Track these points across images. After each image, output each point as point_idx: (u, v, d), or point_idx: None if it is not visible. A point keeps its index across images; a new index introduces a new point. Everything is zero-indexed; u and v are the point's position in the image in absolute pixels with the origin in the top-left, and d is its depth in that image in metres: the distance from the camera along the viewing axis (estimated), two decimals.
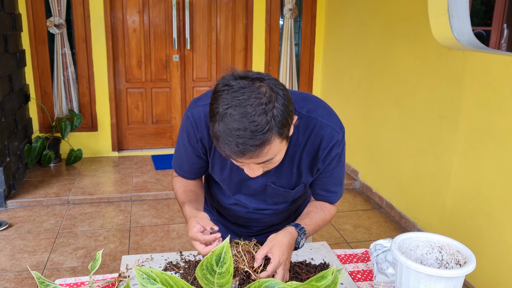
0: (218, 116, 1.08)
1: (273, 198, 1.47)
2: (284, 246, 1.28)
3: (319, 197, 1.49)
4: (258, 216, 1.56)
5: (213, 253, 1.04)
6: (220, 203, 1.59)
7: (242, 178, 1.41)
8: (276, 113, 1.08)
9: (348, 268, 1.48)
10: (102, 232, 3.49)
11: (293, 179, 1.40)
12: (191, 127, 1.35)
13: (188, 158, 1.43)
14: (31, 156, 4.43)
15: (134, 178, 4.50)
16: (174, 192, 1.52)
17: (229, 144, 1.08)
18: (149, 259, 1.47)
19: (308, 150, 1.35)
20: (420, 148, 3.42)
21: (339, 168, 1.42)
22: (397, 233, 3.54)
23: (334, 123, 1.33)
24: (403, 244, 1.26)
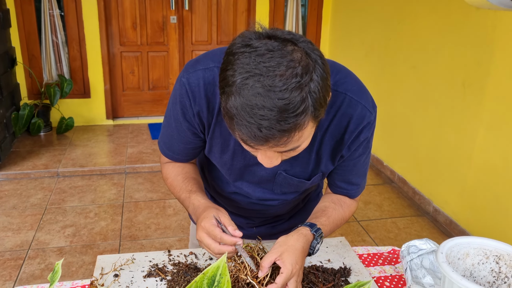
0: (235, 88, 0.80)
1: (283, 188, 1.19)
2: (298, 252, 1.01)
3: (338, 190, 1.22)
4: (261, 208, 1.28)
5: (204, 275, 0.77)
6: (216, 190, 1.31)
7: (247, 163, 1.13)
8: (313, 89, 0.80)
9: (373, 272, 1.21)
10: (93, 208, 3.25)
11: (310, 167, 1.12)
12: (187, 98, 1.05)
13: (182, 136, 1.14)
14: (19, 124, 4.15)
15: (129, 149, 4.23)
16: (169, 182, 1.24)
17: (248, 126, 0.80)
18: (130, 260, 1.20)
19: (332, 132, 1.06)
20: (440, 119, 3.11)
21: (365, 156, 1.14)
22: (410, 211, 3.29)
23: (366, 101, 1.04)
24: (450, 253, 0.98)
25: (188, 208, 1.15)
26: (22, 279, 2.45)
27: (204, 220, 1.02)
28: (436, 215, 3.18)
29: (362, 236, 2.96)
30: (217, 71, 0.89)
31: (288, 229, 1.44)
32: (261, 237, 1.43)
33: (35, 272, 2.51)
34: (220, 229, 1.00)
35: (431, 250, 1.15)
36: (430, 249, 1.15)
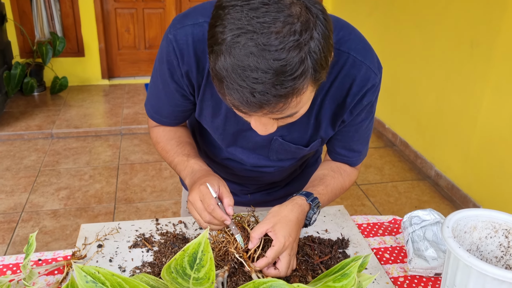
0: (225, 46, 0.70)
1: (279, 154, 1.10)
2: (291, 223, 0.94)
3: (338, 157, 1.13)
4: (256, 175, 1.20)
5: (184, 252, 0.70)
6: (208, 155, 1.23)
7: (240, 127, 1.04)
8: (314, 48, 0.70)
9: (372, 243, 1.14)
10: (87, 170, 3.18)
11: (309, 133, 1.03)
12: (174, 56, 0.95)
13: (169, 98, 1.05)
14: (11, 84, 4.03)
15: (125, 109, 4.14)
16: (160, 146, 1.15)
17: (239, 91, 0.71)
18: (115, 229, 1.14)
19: (333, 95, 0.96)
20: (445, 80, 2.99)
21: (368, 121, 1.05)
22: (411, 175, 3.23)
23: (372, 61, 0.94)
24: (456, 226, 0.91)
25: (184, 171, 1.06)
26: (16, 242, 2.42)
27: (203, 185, 0.94)
28: (437, 179, 3.12)
29: (362, 200, 2.91)
30: (207, 26, 0.79)
31: (284, 196, 1.37)
32: (256, 204, 1.36)
33: (28, 235, 2.47)
34: (215, 201, 0.93)
35: (435, 222, 1.08)
36: (433, 220, 1.08)
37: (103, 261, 1.03)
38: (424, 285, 1.01)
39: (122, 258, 1.04)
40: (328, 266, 1.02)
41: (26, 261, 0.88)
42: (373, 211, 2.80)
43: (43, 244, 2.40)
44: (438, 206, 2.87)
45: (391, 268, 1.06)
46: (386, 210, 2.81)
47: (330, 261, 1.03)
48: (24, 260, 0.88)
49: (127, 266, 1.02)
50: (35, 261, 1.05)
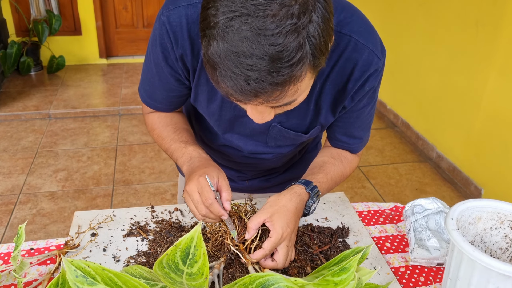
0: (217, 30, 0.65)
1: (277, 141, 1.07)
2: (290, 213, 0.91)
3: (339, 144, 1.09)
4: (254, 161, 1.17)
5: (176, 248, 0.67)
6: (204, 141, 1.19)
7: (237, 113, 1.00)
8: (312, 33, 0.66)
9: (373, 232, 1.12)
10: (85, 151, 3.15)
11: (308, 119, 1.00)
12: (168, 39, 0.91)
13: (163, 83, 1.00)
14: (8, 63, 3.97)
15: (123, 89, 4.08)
16: (156, 133, 1.10)
17: (233, 78, 0.67)
18: (109, 217, 1.11)
19: (334, 80, 0.92)
20: (449, 61, 2.93)
21: (370, 107, 1.01)
22: (412, 157, 3.20)
23: (375, 44, 0.90)
24: (460, 217, 0.88)
25: (181, 158, 1.02)
26: (13, 224, 2.40)
27: (202, 176, 0.90)
28: (439, 161, 3.09)
29: (362, 182, 2.88)
30: None
31: (283, 183, 1.34)
32: (254, 191, 1.33)
33: (26, 217, 2.46)
34: (214, 194, 0.89)
35: (438, 211, 1.05)
36: (436, 209, 1.05)
37: (96, 250, 1.01)
38: (425, 275, 0.99)
39: (116, 247, 1.02)
40: (327, 256, 0.99)
41: (16, 253, 0.85)
42: (373, 194, 2.78)
43: (41, 227, 2.38)
44: (439, 189, 2.85)
45: (392, 257, 1.04)
46: (387, 193, 2.79)
47: (330, 251, 1.01)
48: (14, 252, 0.85)
49: (121, 256, 0.99)
50: (27, 250, 1.02)
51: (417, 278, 0.98)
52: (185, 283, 0.72)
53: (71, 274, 0.68)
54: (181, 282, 0.72)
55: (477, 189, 2.72)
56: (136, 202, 2.62)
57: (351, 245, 1.04)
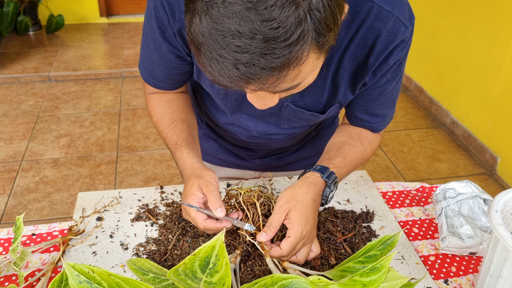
0: (200, 3, 0.54)
1: (291, 122, 0.97)
2: (308, 208, 0.82)
3: (359, 122, 0.99)
4: (265, 141, 1.07)
5: (195, 257, 0.59)
6: (212, 120, 1.09)
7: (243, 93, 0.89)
8: (316, 4, 0.54)
9: (399, 216, 1.04)
10: (88, 116, 3.06)
11: (324, 98, 0.89)
12: (164, 12, 0.79)
13: (163, 60, 0.90)
14: (4, 22, 3.81)
15: (126, 50, 3.94)
16: (154, 121, 1.02)
17: (220, 62, 0.56)
18: (115, 199, 1.03)
19: (354, 53, 0.81)
20: (467, 22, 2.78)
21: (395, 82, 0.89)
22: (426, 122, 3.09)
23: (402, 10, 0.78)
24: (503, 208, 0.79)
25: (176, 162, 0.96)
26: (16, 192, 2.35)
27: (187, 198, 0.83)
28: (453, 127, 2.98)
29: None
30: None
31: (297, 161, 1.24)
32: (266, 169, 1.24)
33: (29, 186, 2.40)
34: (202, 216, 0.81)
35: (473, 195, 0.96)
36: (471, 194, 0.97)
37: (103, 236, 0.93)
38: (457, 265, 0.92)
39: (124, 233, 0.94)
40: (352, 245, 0.92)
41: (15, 245, 0.78)
42: (385, 161, 2.70)
43: (45, 195, 2.33)
44: (453, 156, 2.76)
45: (421, 245, 0.96)
46: (399, 160, 2.71)
47: (355, 238, 0.93)
48: (13, 244, 0.78)
49: (129, 243, 0.92)
50: (29, 235, 0.95)
51: (448, 268, 0.91)
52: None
53: (73, 279, 0.61)
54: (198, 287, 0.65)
55: (493, 158, 2.64)
56: (141, 170, 2.55)
57: (376, 231, 0.97)
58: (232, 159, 1.22)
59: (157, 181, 2.46)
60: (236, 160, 1.22)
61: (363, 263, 0.77)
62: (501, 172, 2.59)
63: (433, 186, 1.12)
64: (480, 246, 0.92)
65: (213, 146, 1.21)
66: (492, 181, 2.56)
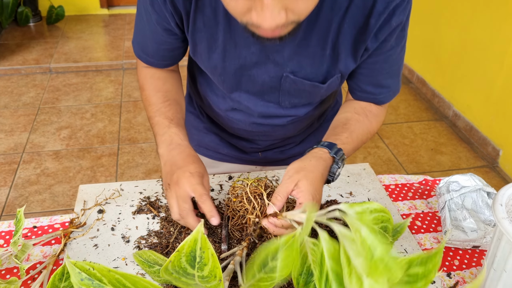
0: None
1: (292, 97, 0.95)
2: (317, 181, 0.80)
3: (364, 96, 0.97)
4: (266, 129, 1.05)
5: (180, 253, 0.58)
6: (214, 108, 1.08)
7: (242, 63, 0.87)
8: None
9: (402, 209, 1.03)
10: (89, 108, 3.05)
11: (325, 66, 0.87)
12: None
13: (153, 32, 0.89)
14: (4, 14, 3.79)
15: (127, 42, 3.92)
16: (145, 94, 0.99)
17: None
18: (116, 192, 1.03)
19: (353, 16, 0.79)
20: (471, 13, 2.75)
21: (399, 48, 0.88)
22: (428, 115, 3.08)
23: None
24: (508, 201, 0.79)
25: (161, 136, 0.91)
26: (18, 184, 2.34)
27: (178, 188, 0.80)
28: (455, 120, 2.97)
29: (375, 142, 2.79)
30: None
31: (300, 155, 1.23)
32: (268, 163, 1.23)
33: (30, 178, 2.39)
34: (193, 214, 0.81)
35: (476, 189, 0.96)
36: (474, 187, 0.96)
37: (104, 229, 0.93)
38: (460, 258, 0.91)
39: (125, 226, 0.94)
40: None
41: (16, 238, 0.78)
42: (387, 154, 2.69)
43: (46, 187, 2.33)
44: (455, 149, 2.75)
45: (424, 238, 0.96)
46: (401, 153, 2.70)
47: None
48: (14, 237, 0.78)
49: (131, 236, 0.92)
50: (30, 228, 0.95)
51: (451, 262, 0.91)
52: (200, 285, 0.64)
53: (75, 277, 0.60)
54: (195, 284, 0.64)
55: (495, 150, 2.63)
56: (142, 162, 2.54)
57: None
58: (234, 153, 1.21)
59: (159, 173, 2.46)
60: (237, 153, 1.20)
61: None
62: (503, 165, 2.58)
63: (436, 179, 1.12)
64: (483, 239, 0.91)
65: (214, 140, 1.20)
66: (494, 174, 2.55)
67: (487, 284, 0.78)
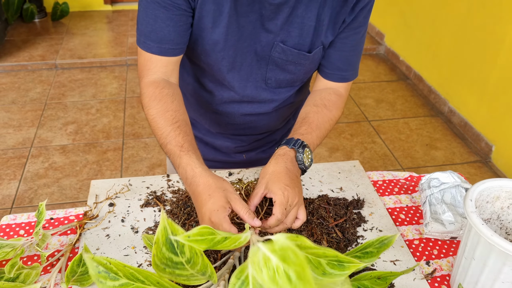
0: None
1: (278, 72, 1.06)
2: (282, 174, 0.89)
3: (333, 74, 1.08)
4: (252, 119, 1.17)
5: (158, 244, 0.66)
6: (202, 105, 1.17)
7: (241, 33, 0.97)
8: None
9: (387, 203, 1.12)
10: (94, 103, 3.14)
11: (310, 36, 0.99)
12: None
13: (169, 9, 0.91)
14: (11, 10, 3.87)
15: (130, 38, 4.00)
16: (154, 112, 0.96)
17: None
18: (125, 187, 1.12)
19: None
20: (467, 12, 2.83)
21: (364, 28, 1.03)
22: (424, 111, 3.16)
23: None
24: (479, 197, 0.88)
25: (177, 168, 0.91)
26: (27, 178, 2.44)
27: (214, 214, 0.80)
28: (451, 116, 3.05)
29: (372, 137, 2.87)
30: None
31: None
32: (252, 164, 1.32)
33: (39, 171, 2.49)
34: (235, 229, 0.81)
35: (455, 185, 1.05)
36: (453, 184, 1.05)
37: (115, 221, 1.02)
38: (439, 248, 1.00)
39: (134, 218, 1.03)
40: (343, 229, 1.00)
41: (38, 229, 0.87)
42: (383, 149, 2.77)
43: (54, 181, 2.42)
44: (449, 145, 2.84)
45: (406, 230, 1.05)
46: (397, 148, 2.79)
47: (345, 224, 1.02)
48: (36, 228, 0.87)
49: (139, 227, 1.01)
50: (47, 219, 1.04)
51: (430, 251, 1.00)
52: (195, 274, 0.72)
53: (93, 269, 0.69)
54: (191, 274, 0.72)
55: (488, 146, 2.71)
56: (146, 156, 2.63)
57: (366, 217, 1.05)
58: (220, 157, 1.29)
59: (162, 167, 2.55)
60: (223, 157, 1.29)
61: (360, 258, 0.86)
62: (495, 160, 2.67)
63: (420, 175, 1.21)
64: (460, 231, 1.00)
65: (199, 147, 1.27)
66: (486, 169, 2.64)
67: (459, 270, 0.87)
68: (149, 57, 0.99)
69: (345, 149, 2.75)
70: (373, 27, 4.01)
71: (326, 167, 1.20)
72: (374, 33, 4.03)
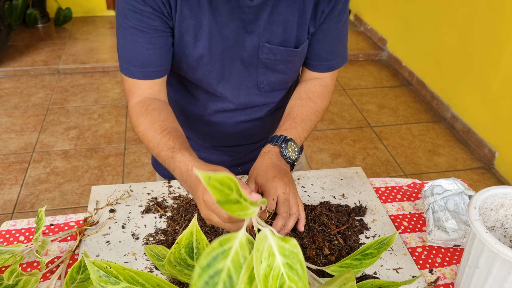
0: None
1: (269, 74, 1.05)
2: (268, 169, 0.89)
3: (319, 64, 1.09)
4: (247, 126, 1.17)
5: (179, 245, 0.67)
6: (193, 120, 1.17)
7: (225, 44, 0.97)
8: None
9: (390, 210, 1.11)
10: (96, 108, 3.14)
11: (294, 31, 0.99)
12: None
13: (148, 32, 0.91)
14: (14, 15, 3.89)
15: None
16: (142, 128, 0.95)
17: None
18: (126, 193, 1.11)
19: None
20: (470, 18, 2.82)
21: (344, 16, 1.03)
22: (426, 117, 3.15)
23: None
24: (483, 205, 0.87)
25: (173, 171, 0.90)
26: (28, 183, 2.44)
27: (206, 193, 0.76)
28: (453, 122, 3.04)
29: (374, 143, 2.86)
30: None
31: None
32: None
33: (41, 176, 2.49)
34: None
35: (458, 192, 1.04)
36: (456, 191, 1.04)
37: (115, 227, 1.01)
38: (442, 256, 0.99)
39: (134, 224, 1.02)
40: (344, 236, 0.99)
41: (37, 235, 0.86)
42: (385, 155, 2.76)
43: (55, 186, 2.42)
44: (452, 151, 2.83)
45: (409, 237, 1.04)
46: (399, 154, 2.78)
47: (347, 231, 1.01)
48: (35, 234, 0.86)
49: (140, 233, 1.00)
50: (47, 225, 1.04)
51: (433, 259, 0.99)
52: None
53: (94, 274, 0.69)
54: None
55: (491, 152, 2.70)
56: (148, 162, 2.63)
57: (368, 224, 1.04)
58: None
59: None
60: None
61: (360, 260, 0.85)
62: (498, 167, 2.65)
63: (423, 182, 1.20)
64: (464, 239, 0.99)
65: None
66: (489, 175, 2.62)
67: (463, 279, 0.86)
68: (133, 82, 0.98)
69: (347, 155, 2.74)
70: (376, 33, 4.01)
71: (328, 174, 1.20)
72: (377, 38, 4.03)
